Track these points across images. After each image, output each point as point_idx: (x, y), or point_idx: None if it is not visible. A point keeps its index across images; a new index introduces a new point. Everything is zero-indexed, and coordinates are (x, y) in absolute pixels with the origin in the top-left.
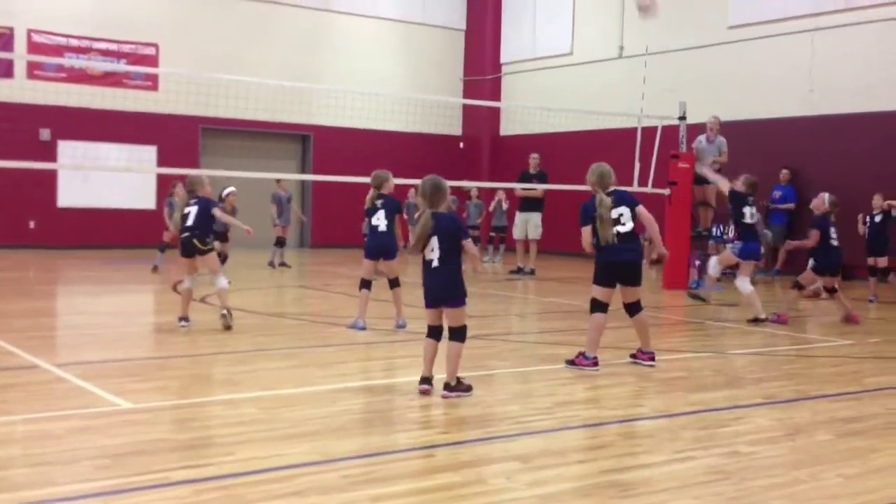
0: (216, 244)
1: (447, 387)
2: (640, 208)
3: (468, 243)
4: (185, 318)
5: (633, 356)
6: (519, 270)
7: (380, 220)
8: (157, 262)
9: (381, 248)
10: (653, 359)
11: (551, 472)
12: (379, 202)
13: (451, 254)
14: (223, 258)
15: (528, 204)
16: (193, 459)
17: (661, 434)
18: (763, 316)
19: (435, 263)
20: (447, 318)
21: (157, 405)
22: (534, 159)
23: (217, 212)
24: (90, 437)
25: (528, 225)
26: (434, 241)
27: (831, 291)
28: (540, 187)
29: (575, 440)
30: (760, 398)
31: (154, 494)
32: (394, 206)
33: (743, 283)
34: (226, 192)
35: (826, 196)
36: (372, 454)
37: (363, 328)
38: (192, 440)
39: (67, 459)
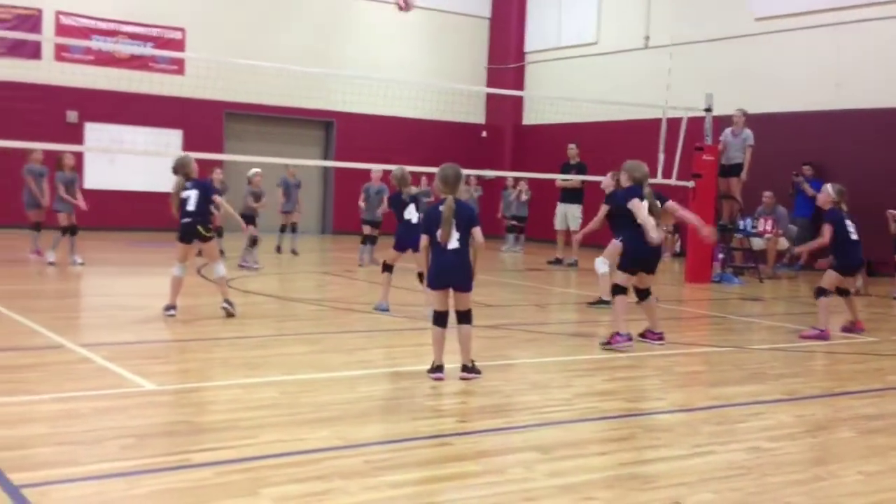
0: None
1: (466, 368)
2: (670, 202)
3: (478, 230)
4: (172, 307)
5: (641, 335)
6: (558, 261)
7: (411, 215)
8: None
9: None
10: (662, 338)
11: (571, 464)
12: (407, 198)
13: (465, 239)
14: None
15: (568, 195)
16: (216, 442)
17: (680, 428)
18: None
19: (453, 245)
20: (458, 302)
21: (180, 387)
22: (571, 149)
23: (218, 199)
24: (115, 418)
25: (568, 216)
26: (453, 226)
27: (843, 293)
28: (574, 178)
29: (594, 432)
30: (781, 394)
31: (178, 475)
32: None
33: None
34: (252, 172)
35: (829, 187)
36: (392, 440)
37: (387, 310)
38: (215, 423)
39: (92, 439)
